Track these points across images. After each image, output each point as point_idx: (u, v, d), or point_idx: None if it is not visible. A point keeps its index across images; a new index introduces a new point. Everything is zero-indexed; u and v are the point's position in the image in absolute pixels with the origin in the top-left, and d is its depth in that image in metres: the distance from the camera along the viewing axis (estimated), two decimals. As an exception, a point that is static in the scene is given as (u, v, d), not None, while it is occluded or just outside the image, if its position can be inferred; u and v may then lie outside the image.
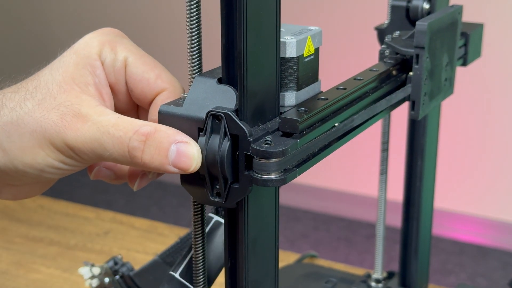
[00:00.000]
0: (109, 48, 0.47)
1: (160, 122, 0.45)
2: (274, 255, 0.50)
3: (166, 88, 0.47)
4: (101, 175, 0.49)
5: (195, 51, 0.45)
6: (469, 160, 2.29)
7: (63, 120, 0.43)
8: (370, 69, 0.56)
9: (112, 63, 0.47)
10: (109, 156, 0.43)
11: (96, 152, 0.43)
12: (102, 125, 0.43)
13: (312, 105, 0.47)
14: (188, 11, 0.44)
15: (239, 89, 0.43)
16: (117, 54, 0.47)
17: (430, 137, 0.73)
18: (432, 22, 0.57)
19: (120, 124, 0.43)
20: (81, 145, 0.43)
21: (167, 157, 0.42)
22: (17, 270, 0.92)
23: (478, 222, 2.34)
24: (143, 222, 1.04)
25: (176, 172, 0.43)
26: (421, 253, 0.77)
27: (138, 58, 0.47)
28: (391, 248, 1.97)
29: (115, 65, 0.47)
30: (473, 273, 2.17)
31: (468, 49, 0.68)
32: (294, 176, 0.43)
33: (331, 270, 0.84)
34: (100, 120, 0.43)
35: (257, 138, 0.43)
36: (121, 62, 0.47)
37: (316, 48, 0.50)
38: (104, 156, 0.43)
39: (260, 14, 0.43)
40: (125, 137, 0.43)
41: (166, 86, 0.47)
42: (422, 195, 0.75)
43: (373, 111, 0.52)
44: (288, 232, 2.39)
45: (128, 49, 0.47)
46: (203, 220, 0.48)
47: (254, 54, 0.43)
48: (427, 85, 0.59)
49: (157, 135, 0.43)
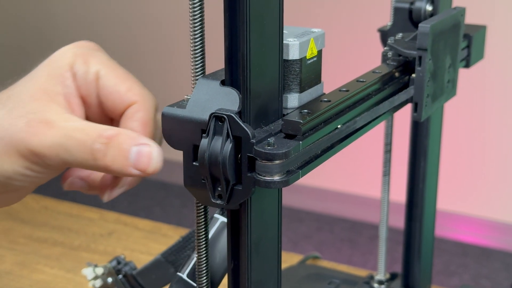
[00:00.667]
0: (81, 60, 0.47)
1: (163, 123, 0.45)
2: (277, 257, 0.50)
3: (136, 101, 0.48)
4: (75, 186, 0.50)
5: (198, 53, 0.45)
6: (472, 161, 2.29)
7: (29, 127, 0.44)
8: (373, 71, 0.57)
9: (84, 75, 0.47)
10: (73, 161, 0.44)
11: (61, 157, 0.44)
12: (67, 130, 0.43)
13: (315, 107, 0.47)
14: (191, 13, 0.44)
15: (242, 91, 0.43)
16: (89, 66, 0.47)
17: (433, 139, 0.73)
18: (434, 24, 0.57)
19: (85, 129, 0.44)
20: (46, 150, 0.43)
21: (128, 158, 0.43)
22: (21, 271, 0.92)
23: (482, 223, 2.34)
24: (147, 223, 1.04)
25: (137, 174, 0.44)
26: (424, 254, 0.77)
27: (110, 71, 0.47)
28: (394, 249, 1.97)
29: (87, 78, 0.47)
30: (476, 275, 2.16)
31: (471, 51, 0.68)
32: (297, 178, 0.43)
33: (334, 272, 0.85)
34: (65, 126, 0.44)
35: (260, 140, 0.43)
36: (93, 75, 0.47)
37: (319, 50, 0.50)
38: (69, 161, 0.44)
39: (263, 17, 0.43)
40: (88, 140, 0.43)
41: (137, 98, 0.48)
42: (425, 196, 0.75)
43: (375, 113, 0.53)
44: (291, 233, 2.39)
45: (101, 62, 0.48)
46: (207, 221, 0.48)
47: (257, 56, 0.43)
48: (430, 87, 0.59)
49: (119, 137, 0.44)
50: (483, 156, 2.27)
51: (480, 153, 2.27)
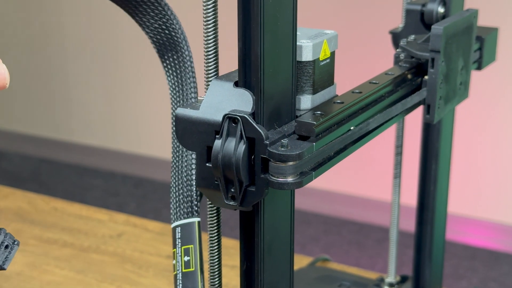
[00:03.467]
0: None
1: (177, 125, 0.45)
2: (289, 258, 0.50)
3: None
4: None
5: (211, 55, 0.45)
6: (482, 164, 2.28)
7: None
8: (386, 73, 0.57)
9: None
10: None
11: None
12: None
13: (328, 109, 0.47)
14: (204, 14, 0.44)
15: (255, 93, 0.43)
16: None
17: (444, 141, 0.73)
18: (447, 26, 0.57)
19: None
20: None
21: None
22: (31, 272, 0.92)
23: (490, 227, 2.33)
24: (156, 225, 1.04)
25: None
26: (435, 257, 0.77)
27: None
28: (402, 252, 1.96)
29: None
30: (485, 278, 2.16)
31: (483, 53, 0.68)
32: (310, 179, 0.43)
33: (344, 274, 0.84)
34: None
35: (274, 141, 0.43)
36: None
37: (332, 51, 0.50)
38: None
39: (276, 18, 0.43)
40: None
41: None
42: (436, 199, 0.75)
43: (388, 114, 0.52)
44: (299, 236, 2.39)
45: None
46: (219, 223, 0.48)
47: (271, 57, 0.43)
48: (443, 89, 0.59)
49: None
50: (494, 159, 2.26)
51: (490, 156, 2.26)
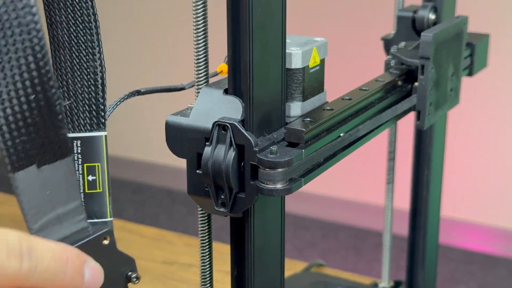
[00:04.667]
0: None
1: (167, 132, 0.45)
2: (280, 263, 0.50)
3: None
4: None
5: (201, 62, 0.45)
6: (478, 168, 2.29)
7: None
8: (376, 80, 0.57)
9: None
10: None
11: None
12: None
13: (318, 115, 0.48)
14: (194, 22, 0.44)
15: (245, 100, 0.44)
16: None
17: (436, 147, 0.74)
18: (437, 33, 0.58)
19: None
20: None
21: None
22: (26, 278, 0.92)
23: (488, 231, 2.33)
24: (152, 231, 1.04)
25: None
26: (428, 262, 0.77)
27: None
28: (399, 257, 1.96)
29: None
30: (483, 283, 2.16)
31: (474, 60, 0.69)
32: (300, 186, 0.44)
33: (338, 279, 0.85)
34: None
35: (263, 148, 0.43)
36: None
37: (322, 59, 0.50)
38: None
39: (266, 26, 0.44)
40: None
41: None
42: (429, 204, 0.75)
43: (378, 121, 0.53)
44: (296, 241, 2.39)
45: None
46: (210, 229, 0.49)
47: (260, 65, 0.44)
48: (433, 95, 0.59)
49: None
50: (488, 163, 2.27)
51: (485, 160, 2.27)
